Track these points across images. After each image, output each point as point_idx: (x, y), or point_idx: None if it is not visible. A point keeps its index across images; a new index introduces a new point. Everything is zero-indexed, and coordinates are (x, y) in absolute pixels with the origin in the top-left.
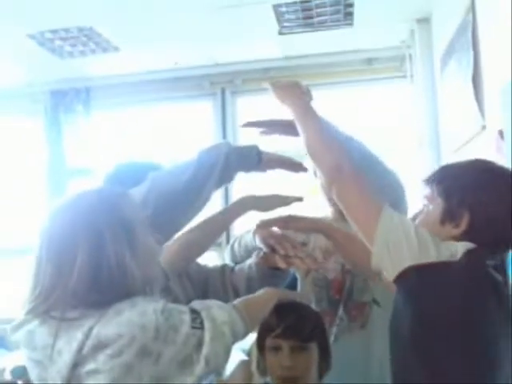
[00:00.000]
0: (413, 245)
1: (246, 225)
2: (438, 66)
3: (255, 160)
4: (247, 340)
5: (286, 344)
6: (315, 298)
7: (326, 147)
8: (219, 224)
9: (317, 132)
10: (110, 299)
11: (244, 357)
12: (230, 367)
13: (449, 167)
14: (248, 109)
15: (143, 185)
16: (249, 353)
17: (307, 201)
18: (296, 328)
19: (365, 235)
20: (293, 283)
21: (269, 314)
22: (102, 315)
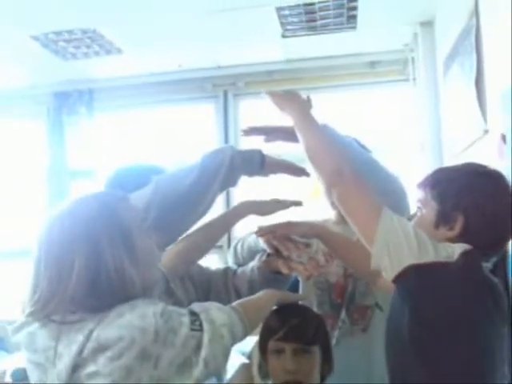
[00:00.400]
0: (412, 245)
1: (248, 227)
2: (441, 70)
3: (259, 164)
4: (248, 343)
5: (289, 347)
6: (317, 301)
7: (326, 151)
8: (219, 228)
9: (316, 137)
10: (109, 304)
11: (245, 360)
12: (231, 370)
13: (442, 171)
14: (250, 111)
15: (147, 188)
16: (249, 356)
17: (309, 204)
18: (299, 331)
19: (365, 237)
20: (295, 286)
21: (271, 317)
22: (103, 318)
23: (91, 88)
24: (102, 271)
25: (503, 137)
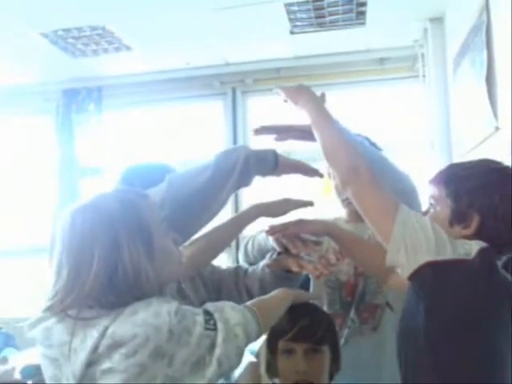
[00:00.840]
0: (430, 241)
1: (257, 225)
2: (451, 67)
3: (272, 164)
4: (256, 341)
5: (300, 347)
6: (328, 300)
7: (342, 148)
8: (230, 231)
9: (332, 133)
10: (125, 301)
11: (252, 358)
12: (239, 369)
13: (455, 167)
14: (259, 109)
15: (160, 186)
16: (257, 354)
17: (319, 202)
18: (309, 331)
19: (381, 234)
20: (305, 284)
21: (281, 317)
22: (118, 315)
23: (100, 85)
24: (119, 266)
25: None
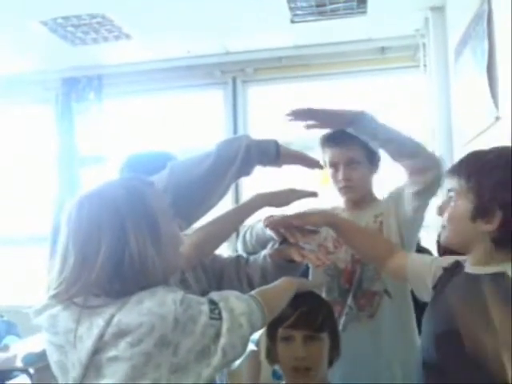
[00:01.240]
0: None
1: (257, 214)
2: (452, 56)
3: (274, 154)
4: None
5: (299, 334)
6: (326, 288)
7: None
8: (234, 220)
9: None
10: (132, 289)
11: (253, 347)
12: None
13: (477, 158)
14: (259, 98)
15: (162, 174)
16: (257, 343)
17: (318, 191)
18: (309, 318)
19: None
20: (304, 272)
21: None
22: (124, 303)
23: (100, 74)
24: (126, 253)
25: None
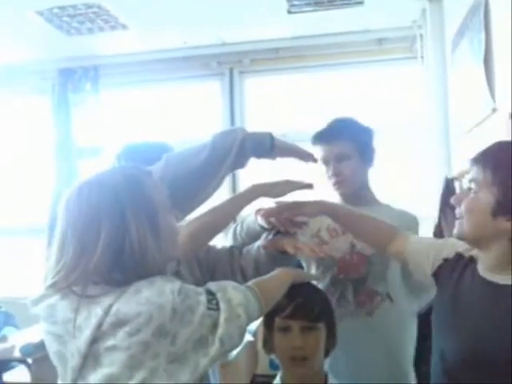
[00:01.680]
0: None
1: (254, 206)
2: (449, 47)
3: (269, 147)
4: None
5: (296, 324)
6: (320, 276)
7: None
8: (229, 211)
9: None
10: (131, 278)
11: (250, 337)
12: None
13: (506, 150)
14: (256, 89)
15: (157, 165)
16: (254, 333)
17: (315, 184)
18: (305, 308)
19: None
20: (299, 262)
21: None
22: (122, 293)
23: (96, 64)
24: (126, 241)
25: (511, 115)
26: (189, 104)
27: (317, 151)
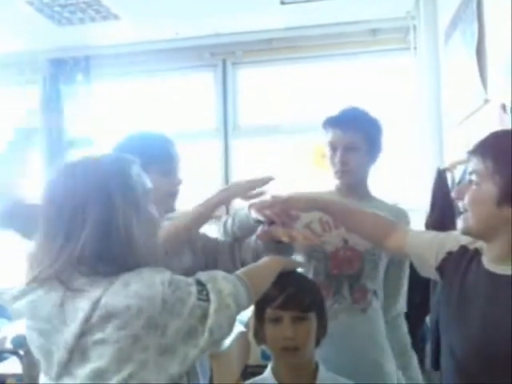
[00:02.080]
0: None
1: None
2: (442, 38)
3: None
4: (245, 311)
5: (287, 315)
6: (313, 270)
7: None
8: (197, 216)
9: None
10: (118, 268)
11: (242, 328)
12: (229, 338)
13: (505, 137)
14: (249, 80)
15: None
16: (247, 324)
17: (311, 174)
18: (296, 298)
19: None
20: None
21: None
22: (110, 284)
23: (87, 55)
24: (113, 227)
25: (503, 106)
26: (181, 95)
27: (327, 135)
